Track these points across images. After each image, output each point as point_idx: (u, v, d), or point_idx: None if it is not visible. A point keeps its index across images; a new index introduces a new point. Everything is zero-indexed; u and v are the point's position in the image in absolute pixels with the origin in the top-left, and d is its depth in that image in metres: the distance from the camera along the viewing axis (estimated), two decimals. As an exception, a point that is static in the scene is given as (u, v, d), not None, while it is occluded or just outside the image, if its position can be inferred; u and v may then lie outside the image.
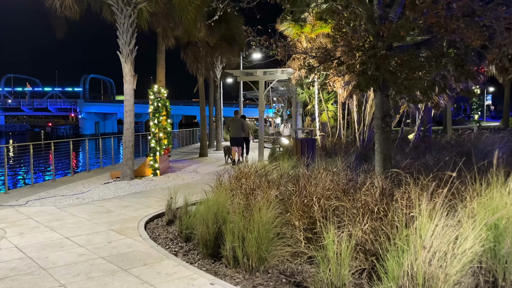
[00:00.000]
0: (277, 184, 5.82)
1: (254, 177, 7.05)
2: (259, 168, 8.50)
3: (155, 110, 11.87)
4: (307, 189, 4.95)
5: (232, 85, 34.25)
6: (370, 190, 4.66)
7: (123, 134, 11.16)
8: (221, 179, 7.20)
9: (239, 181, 6.62)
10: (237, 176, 7.12)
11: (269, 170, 9.08)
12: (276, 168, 9.67)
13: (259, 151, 15.98)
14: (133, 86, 11.00)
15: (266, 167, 9.52)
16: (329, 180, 5.77)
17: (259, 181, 6.26)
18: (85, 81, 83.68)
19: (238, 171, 7.67)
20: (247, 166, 8.55)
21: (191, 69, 17.65)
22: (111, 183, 10.92)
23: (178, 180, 11.48)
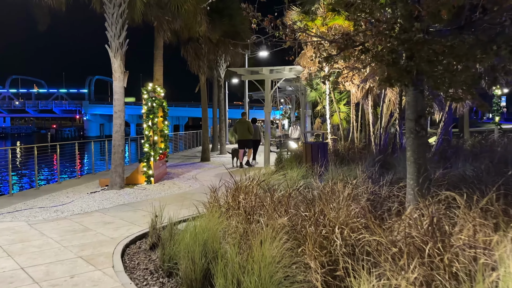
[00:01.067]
0: (285, 205, 4.58)
1: (256, 190, 5.84)
2: (262, 178, 7.30)
3: (149, 110, 10.71)
4: (326, 215, 3.72)
5: (238, 86, 33.09)
6: (411, 217, 3.43)
7: (112, 138, 10.01)
8: (216, 194, 5.97)
9: (238, 197, 5.40)
10: (236, 189, 5.91)
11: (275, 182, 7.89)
12: (283, 178, 8.48)
13: (265, 155, 14.78)
14: (123, 84, 9.85)
15: (271, 176, 8.32)
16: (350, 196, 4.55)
17: (261, 199, 5.04)
18: (90, 83, 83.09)
19: (237, 182, 6.45)
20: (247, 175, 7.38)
21: (192, 67, 16.48)
22: (99, 192, 9.76)
23: (174, 188, 10.29)
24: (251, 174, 8.69)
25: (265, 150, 14.80)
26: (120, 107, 9.86)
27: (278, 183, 8.08)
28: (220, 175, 12.49)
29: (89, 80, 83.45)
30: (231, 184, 7.25)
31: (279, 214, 4.14)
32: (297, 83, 16.76)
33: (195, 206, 8.09)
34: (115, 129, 9.90)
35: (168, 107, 12.32)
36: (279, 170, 11.53)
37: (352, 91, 13.42)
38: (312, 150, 10.50)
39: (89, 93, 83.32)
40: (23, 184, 17.82)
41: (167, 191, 9.95)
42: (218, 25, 14.74)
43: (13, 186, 11.93)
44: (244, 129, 14.31)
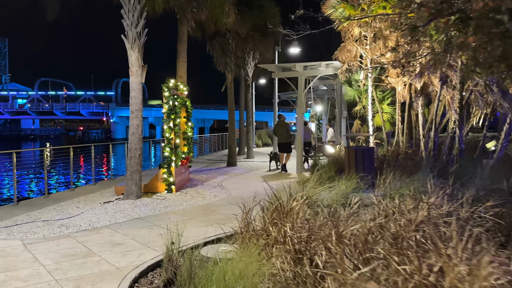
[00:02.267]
0: (361, 246, 3.14)
1: (304, 212, 4.49)
2: (304, 192, 5.96)
3: (170, 110, 9.50)
4: (445, 273, 2.29)
5: (265, 86, 31.80)
6: None
7: (128, 141, 8.85)
8: (249, 217, 4.65)
9: (280, 223, 4.05)
10: (275, 210, 4.56)
11: (321, 197, 6.53)
12: (327, 190, 7.10)
13: (297, 161, 13.39)
14: (141, 79, 8.68)
15: (314, 188, 6.94)
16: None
17: (317, 228, 3.67)
18: (117, 85, 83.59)
19: (276, 199, 5.13)
20: (283, 185, 6.06)
21: (218, 64, 15.26)
22: (113, 202, 8.60)
23: (197, 199, 9.03)
24: (286, 183, 7.36)
25: (298, 154, 13.43)
26: (138, 105, 8.69)
27: (324, 197, 6.72)
28: (249, 183, 11.20)
29: (116, 82, 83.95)
30: (264, 195, 5.96)
31: (354, 263, 2.74)
32: (333, 81, 15.30)
33: (221, 221, 6.81)
34: (131, 130, 8.74)
35: (192, 108, 11.12)
36: (318, 179, 10.12)
37: (397, 88, 11.89)
38: (356, 156, 9.06)
39: (116, 95, 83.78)
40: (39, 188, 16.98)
41: (189, 201, 8.69)
42: (247, 18, 13.50)
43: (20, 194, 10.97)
44: (284, 131, 13.32)
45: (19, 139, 75.46)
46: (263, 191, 10.08)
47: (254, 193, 9.94)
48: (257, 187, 10.58)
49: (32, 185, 19.05)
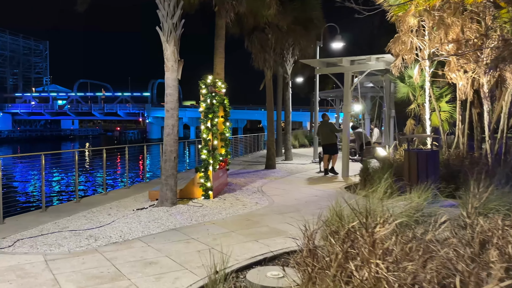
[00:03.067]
0: None
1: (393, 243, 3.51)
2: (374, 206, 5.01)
3: (208, 109, 8.71)
4: None
5: (301, 85, 30.70)
6: None
7: (163, 142, 8.12)
8: (311, 242, 3.73)
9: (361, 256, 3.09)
10: (348, 235, 3.61)
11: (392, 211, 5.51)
12: (396, 201, 6.08)
13: (343, 164, 12.34)
14: (177, 75, 7.92)
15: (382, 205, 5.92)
16: None
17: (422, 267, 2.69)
18: (153, 86, 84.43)
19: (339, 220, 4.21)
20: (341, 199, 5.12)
21: (257, 61, 14.40)
22: (146, 209, 7.89)
23: (237, 206, 8.18)
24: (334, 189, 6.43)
25: (343, 157, 12.37)
26: (173, 104, 7.94)
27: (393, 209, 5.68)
28: (292, 188, 10.22)
29: (151, 83, 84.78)
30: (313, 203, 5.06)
31: None
32: (382, 78, 14.12)
33: (268, 235, 5.93)
34: (166, 131, 8.00)
35: (231, 107, 10.32)
36: (371, 186, 9.05)
37: (458, 84, 10.62)
38: (418, 160, 7.94)
39: (151, 96, 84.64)
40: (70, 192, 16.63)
41: (228, 210, 7.85)
42: (288, 10, 12.58)
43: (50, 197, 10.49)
44: (328, 131, 12.46)
45: (59, 139, 77.63)
46: (310, 199, 9.15)
47: (299, 200, 9.04)
48: (302, 193, 9.64)
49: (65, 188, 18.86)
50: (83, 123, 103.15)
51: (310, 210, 7.68)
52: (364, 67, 12.03)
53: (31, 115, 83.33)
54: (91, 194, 10.26)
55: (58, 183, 19.82)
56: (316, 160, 16.72)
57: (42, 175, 8.03)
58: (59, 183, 19.85)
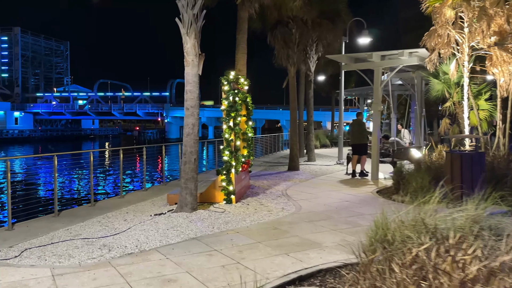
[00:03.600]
0: None
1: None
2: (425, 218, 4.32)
3: (231, 107, 8.11)
4: None
5: (323, 84, 29.86)
6: None
7: (182, 142, 7.55)
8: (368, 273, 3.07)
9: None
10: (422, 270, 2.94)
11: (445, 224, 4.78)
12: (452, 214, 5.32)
13: (372, 166, 11.59)
14: (198, 70, 7.34)
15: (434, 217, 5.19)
16: None
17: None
18: (171, 86, 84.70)
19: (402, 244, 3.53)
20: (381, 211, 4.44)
21: (280, 57, 13.75)
22: (165, 215, 7.33)
23: (261, 212, 7.54)
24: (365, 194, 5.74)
25: (373, 158, 11.62)
26: (193, 101, 7.37)
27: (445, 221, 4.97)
28: (320, 192, 9.46)
29: (170, 83, 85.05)
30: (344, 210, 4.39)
31: None
32: (413, 74, 13.29)
33: (299, 250, 5.28)
34: (186, 130, 7.42)
35: (253, 106, 9.71)
36: (408, 190, 8.31)
37: (499, 80, 9.76)
38: (462, 163, 7.17)
39: (170, 96, 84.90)
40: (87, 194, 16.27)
41: (252, 216, 7.22)
42: (314, 3, 11.90)
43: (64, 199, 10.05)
44: (359, 131, 11.87)
45: (79, 139, 78.52)
46: (340, 204, 8.45)
47: (329, 206, 8.34)
48: (331, 198, 8.94)
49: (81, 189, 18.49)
50: (103, 122, 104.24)
51: (342, 217, 7.01)
52: (395, 63, 11.26)
53: (52, 115, 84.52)
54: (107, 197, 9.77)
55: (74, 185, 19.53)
56: (341, 161, 15.99)
57: (54, 177, 7.54)
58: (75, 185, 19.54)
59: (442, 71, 11.22)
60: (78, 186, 18.91)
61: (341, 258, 4.86)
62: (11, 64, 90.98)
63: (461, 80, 10.61)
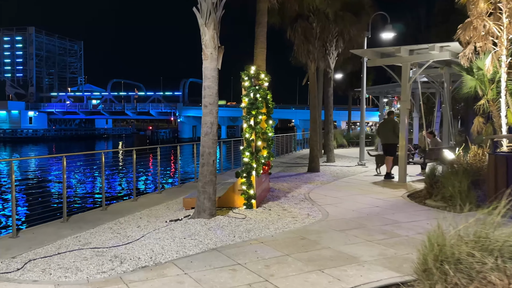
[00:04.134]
0: None
1: None
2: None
3: (251, 104, 7.52)
4: None
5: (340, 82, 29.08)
6: None
7: (200, 142, 6.97)
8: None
9: None
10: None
11: None
12: None
13: (399, 168, 10.90)
14: (217, 64, 6.75)
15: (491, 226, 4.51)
16: None
17: None
18: (184, 85, 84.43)
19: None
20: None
21: (299, 53, 13.11)
22: (181, 221, 6.76)
23: (285, 219, 6.93)
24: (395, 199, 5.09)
25: (400, 160, 10.93)
26: (212, 98, 6.78)
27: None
28: (345, 196, 8.68)
29: (183, 82, 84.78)
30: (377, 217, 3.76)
31: None
32: (441, 70, 12.53)
33: (334, 266, 4.65)
34: (204, 130, 6.84)
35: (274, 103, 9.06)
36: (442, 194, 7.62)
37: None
38: (508, 166, 6.45)
39: (183, 95, 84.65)
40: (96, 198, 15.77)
41: (276, 223, 6.62)
42: (338, -7, 11.24)
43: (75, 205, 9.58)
44: (388, 130, 11.27)
45: (93, 138, 78.81)
46: (371, 210, 7.78)
47: (358, 212, 7.67)
48: (359, 203, 8.27)
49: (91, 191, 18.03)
50: (116, 122, 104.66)
51: (376, 226, 6.36)
52: (425, 58, 10.54)
53: (66, 114, 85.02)
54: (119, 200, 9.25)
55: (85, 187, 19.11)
56: (362, 162, 15.29)
57: (63, 179, 7.04)
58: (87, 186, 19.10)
59: (477, 67, 10.47)
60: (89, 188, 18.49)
61: (384, 276, 4.24)
62: (26, 64, 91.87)
63: (496, 76, 9.87)
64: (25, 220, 7.14)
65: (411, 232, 5.96)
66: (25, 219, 7.16)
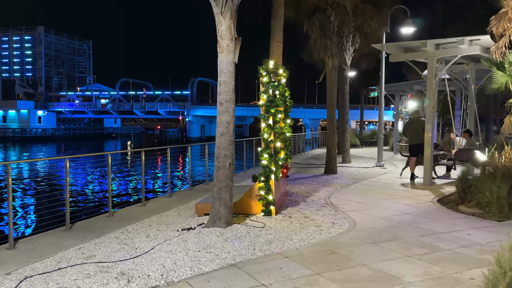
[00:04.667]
0: None
1: None
2: None
3: (270, 102, 6.89)
4: None
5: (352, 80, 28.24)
6: None
7: (215, 143, 6.34)
8: None
9: None
10: None
11: None
12: None
13: (425, 170, 10.22)
14: (233, 58, 6.13)
15: None
16: None
17: None
18: (192, 84, 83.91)
19: None
20: None
21: (316, 48, 12.43)
22: (194, 230, 6.15)
23: (308, 228, 6.28)
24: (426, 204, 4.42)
25: (426, 161, 10.24)
26: (228, 94, 6.16)
27: None
28: (370, 201, 7.84)
29: (191, 82, 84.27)
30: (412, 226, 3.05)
31: None
32: (467, 66, 11.80)
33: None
34: (219, 130, 6.22)
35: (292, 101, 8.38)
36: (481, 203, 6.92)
37: None
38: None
39: (191, 94, 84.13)
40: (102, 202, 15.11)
41: (299, 233, 5.98)
42: (358, -15, 10.57)
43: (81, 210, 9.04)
44: (416, 130, 10.61)
45: (102, 137, 78.67)
46: (401, 218, 7.09)
47: (388, 220, 6.94)
48: (386, 209, 7.58)
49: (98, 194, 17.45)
50: (125, 121, 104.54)
51: (413, 237, 5.69)
52: (453, 52, 9.83)
53: (75, 114, 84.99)
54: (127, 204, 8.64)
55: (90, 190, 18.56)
56: (381, 163, 14.58)
57: (66, 183, 6.46)
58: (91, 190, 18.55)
59: (509, 61, 9.75)
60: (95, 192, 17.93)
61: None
62: (35, 64, 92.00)
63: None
64: (26, 228, 6.56)
65: (453, 245, 5.29)
66: (26, 227, 6.58)
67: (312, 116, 72.43)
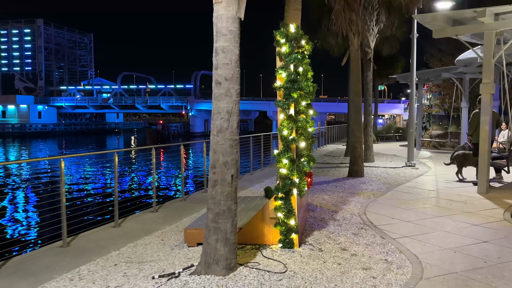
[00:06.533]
0: None
1: None
2: None
3: (292, 82, 4.72)
4: None
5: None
6: None
7: (210, 142, 4.18)
8: None
9: None
10: None
11: None
12: None
13: (480, 174, 8.06)
14: (238, 12, 3.96)
15: None
16: None
17: None
18: (196, 78, 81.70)
19: None
20: None
21: (339, 23, 10.17)
22: (177, 278, 4.01)
23: (353, 272, 4.14)
24: None
25: (482, 163, 8.07)
26: (230, 69, 4.00)
27: None
28: (425, 219, 5.21)
29: (195, 75, 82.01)
30: None
31: None
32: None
33: None
34: (216, 123, 4.06)
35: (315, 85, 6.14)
36: None
37: None
38: None
39: (194, 88, 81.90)
40: None
41: (341, 285, 3.83)
42: None
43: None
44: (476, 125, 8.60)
45: (104, 133, 76.75)
46: (480, 249, 4.70)
47: (464, 254, 4.02)
48: (452, 235, 5.21)
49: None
50: (128, 116, 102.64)
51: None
52: (519, 22, 7.62)
53: (75, 109, 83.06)
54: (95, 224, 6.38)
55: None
56: (412, 162, 12.38)
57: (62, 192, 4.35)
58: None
59: None
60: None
61: None
62: (35, 57, 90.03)
63: None
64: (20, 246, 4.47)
65: None
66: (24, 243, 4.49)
67: (319, 109, 70.13)
